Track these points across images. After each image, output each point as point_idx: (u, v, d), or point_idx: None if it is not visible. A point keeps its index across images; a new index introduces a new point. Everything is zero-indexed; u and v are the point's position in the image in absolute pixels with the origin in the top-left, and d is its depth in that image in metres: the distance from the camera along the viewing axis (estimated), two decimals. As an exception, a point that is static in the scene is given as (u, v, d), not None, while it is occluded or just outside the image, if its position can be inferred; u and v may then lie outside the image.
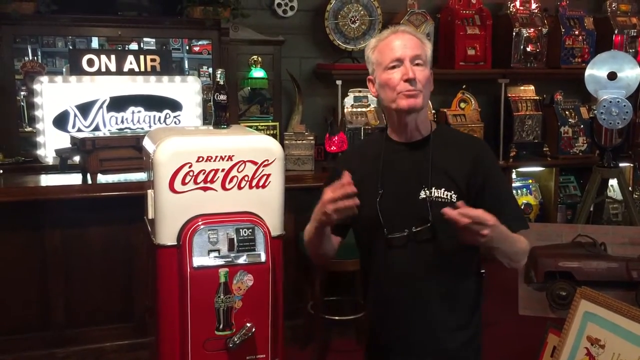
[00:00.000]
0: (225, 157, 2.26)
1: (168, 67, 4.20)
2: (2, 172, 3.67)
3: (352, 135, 4.17)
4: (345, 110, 4.33)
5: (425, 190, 1.84)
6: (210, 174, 2.25)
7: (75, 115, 3.85)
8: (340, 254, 2.07)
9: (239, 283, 2.25)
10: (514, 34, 4.91)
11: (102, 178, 3.42)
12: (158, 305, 2.32)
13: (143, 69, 4.04)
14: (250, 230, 2.27)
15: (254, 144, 2.35)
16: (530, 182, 5.33)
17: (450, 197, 1.83)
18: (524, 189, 5.30)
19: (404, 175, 1.89)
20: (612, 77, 3.89)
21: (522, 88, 5.17)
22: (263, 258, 2.28)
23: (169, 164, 2.21)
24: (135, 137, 3.37)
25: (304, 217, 1.99)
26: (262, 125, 4.38)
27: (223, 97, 2.45)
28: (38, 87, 3.79)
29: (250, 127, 3.95)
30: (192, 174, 2.23)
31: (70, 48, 5.92)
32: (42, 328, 3.37)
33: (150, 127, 3.96)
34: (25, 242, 3.31)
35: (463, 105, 4.99)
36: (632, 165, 4.96)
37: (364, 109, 4.36)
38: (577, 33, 5.07)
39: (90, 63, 3.91)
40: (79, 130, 3.82)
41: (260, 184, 2.32)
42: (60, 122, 3.83)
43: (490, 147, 4.85)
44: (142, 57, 4.07)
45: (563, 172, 5.34)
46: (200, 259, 2.22)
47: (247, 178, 2.30)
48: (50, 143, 3.79)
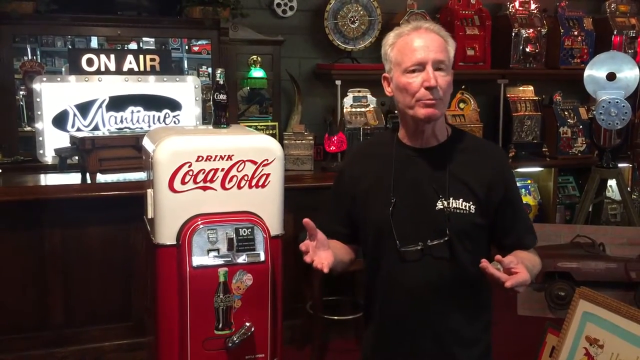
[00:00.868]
0: (225, 156, 2.27)
1: (167, 66, 4.19)
2: (1, 171, 3.67)
3: (351, 136, 4.17)
4: (345, 111, 4.33)
5: (443, 201, 1.73)
6: (210, 174, 2.26)
7: (75, 115, 3.85)
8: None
9: (238, 282, 2.26)
10: (513, 35, 4.91)
11: (101, 178, 3.42)
12: (157, 305, 2.33)
13: (142, 69, 4.04)
14: (250, 230, 2.28)
15: (254, 144, 2.35)
16: (529, 182, 5.33)
17: (469, 208, 1.73)
18: (523, 190, 5.30)
19: (418, 184, 1.76)
20: (611, 77, 3.90)
21: (521, 88, 5.17)
22: (262, 258, 2.28)
23: (169, 164, 2.21)
24: (135, 136, 3.37)
25: (304, 217, 1.98)
26: (261, 125, 4.38)
27: (222, 96, 2.46)
28: (37, 86, 3.79)
29: (250, 127, 3.95)
30: (191, 174, 2.23)
31: (70, 47, 5.92)
32: (41, 328, 3.36)
33: (150, 126, 3.96)
34: (25, 241, 3.31)
35: (462, 106, 4.99)
36: (630, 166, 4.96)
37: (364, 109, 4.36)
38: (576, 34, 5.07)
39: (90, 63, 3.91)
40: (78, 130, 3.82)
41: (260, 184, 2.32)
42: (60, 121, 3.83)
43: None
44: (141, 56, 4.06)
45: (562, 172, 5.34)
46: (200, 259, 2.23)
47: (246, 178, 2.30)
48: (50, 142, 3.79)
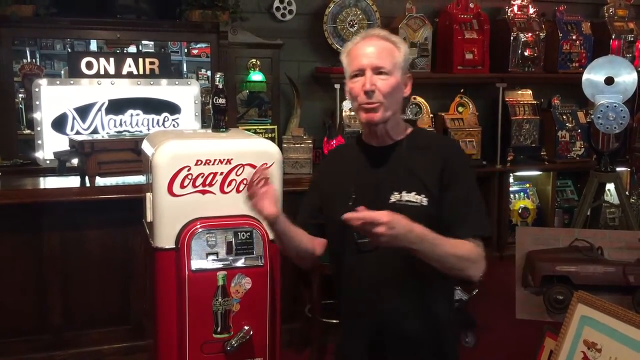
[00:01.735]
0: (224, 160, 2.28)
1: (167, 70, 4.20)
2: (0, 174, 3.67)
3: (350, 139, 4.18)
4: (344, 114, 4.34)
5: (396, 194, 1.82)
6: (209, 177, 2.26)
7: (74, 118, 3.85)
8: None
9: (237, 286, 2.26)
10: (512, 39, 4.93)
11: (100, 181, 3.42)
12: (156, 308, 2.33)
13: (142, 72, 4.04)
14: (249, 234, 2.28)
15: (253, 148, 2.36)
16: (528, 186, 5.34)
17: (421, 200, 1.81)
18: (522, 193, 5.31)
19: (376, 179, 1.87)
20: (609, 81, 3.90)
21: (519, 92, 5.18)
22: (261, 261, 2.29)
23: (168, 167, 2.22)
24: (134, 140, 3.38)
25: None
26: (260, 129, 4.38)
27: (222, 100, 2.46)
28: (36, 89, 3.79)
29: (249, 130, 3.95)
30: (190, 177, 2.24)
31: (69, 51, 5.94)
32: (40, 331, 3.36)
33: (149, 130, 3.96)
34: (24, 244, 3.31)
35: (461, 109, 5.01)
36: (629, 170, 4.97)
37: (362, 113, 4.37)
38: (574, 38, 5.09)
39: (89, 66, 3.92)
40: (78, 133, 3.82)
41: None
42: (59, 124, 3.83)
43: (488, 151, 4.87)
44: (140, 60, 4.07)
45: (560, 176, 5.35)
46: (199, 262, 2.23)
47: (245, 181, 2.30)
48: (49, 145, 3.79)
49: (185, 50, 6.91)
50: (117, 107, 3.94)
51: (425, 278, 1.83)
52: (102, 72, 3.94)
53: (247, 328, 2.27)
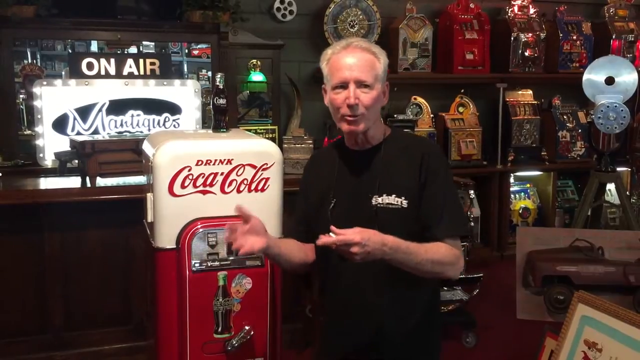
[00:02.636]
0: (225, 160, 2.28)
1: (167, 70, 4.20)
2: (1, 175, 3.67)
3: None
4: (344, 114, 4.34)
5: (376, 198, 1.84)
6: (210, 178, 2.26)
7: (75, 119, 3.86)
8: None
9: (238, 286, 2.26)
10: (512, 39, 4.93)
11: (101, 181, 3.43)
12: (157, 308, 2.33)
13: (142, 73, 4.04)
14: (249, 234, 2.28)
15: (253, 148, 2.36)
16: (528, 186, 5.34)
17: (401, 203, 1.83)
18: (522, 193, 5.32)
19: (356, 183, 1.90)
20: (609, 82, 3.90)
21: (520, 92, 5.19)
22: (262, 261, 2.29)
23: (169, 168, 2.22)
24: (135, 140, 3.38)
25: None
26: (261, 129, 4.38)
27: (222, 100, 2.46)
28: (37, 90, 3.80)
29: (249, 130, 3.96)
30: (191, 178, 2.24)
31: (70, 51, 5.94)
32: (40, 331, 3.37)
33: (150, 130, 3.97)
34: (24, 245, 3.32)
35: (461, 110, 5.01)
36: (629, 170, 4.97)
37: (363, 113, 4.37)
38: (574, 38, 5.09)
39: (90, 66, 3.92)
40: (79, 134, 3.82)
41: (259, 188, 2.33)
42: (60, 125, 3.84)
43: (489, 151, 4.87)
44: (141, 60, 4.07)
45: (561, 176, 5.36)
46: (199, 262, 2.23)
47: (246, 182, 2.31)
48: (50, 146, 3.80)
49: (186, 51, 6.91)
50: (117, 107, 3.94)
51: (407, 275, 1.83)
52: (102, 72, 3.94)
53: (247, 328, 2.27)
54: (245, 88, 4.54)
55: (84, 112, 3.88)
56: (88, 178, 3.41)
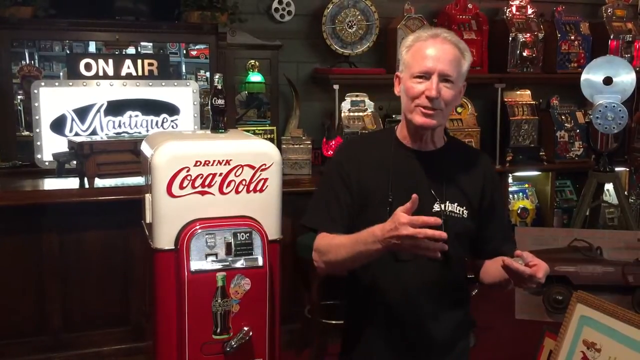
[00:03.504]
0: (223, 161, 2.27)
1: (165, 71, 4.20)
2: (-1, 176, 3.68)
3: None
4: (343, 115, 4.34)
5: (440, 204, 1.77)
6: (208, 178, 2.26)
7: (73, 120, 3.85)
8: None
9: (237, 287, 2.26)
10: (510, 39, 4.93)
11: (99, 182, 3.43)
12: (155, 309, 2.33)
13: (140, 73, 4.04)
14: (248, 235, 2.28)
15: (252, 148, 2.35)
16: (527, 186, 5.34)
17: (462, 212, 1.79)
18: (520, 193, 5.31)
19: (416, 185, 1.78)
20: (607, 82, 3.91)
21: (518, 93, 5.19)
22: (260, 262, 2.29)
23: (167, 168, 2.22)
24: (133, 141, 3.38)
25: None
26: (259, 130, 4.38)
27: (220, 101, 2.46)
28: (35, 91, 3.79)
29: (248, 131, 3.95)
30: (189, 178, 2.24)
31: (68, 52, 5.93)
32: (39, 332, 3.36)
33: (148, 131, 3.96)
34: (22, 246, 3.31)
35: (460, 110, 5.00)
36: (628, 170, 4.97)
37: (361, 114, 4.37)
38: (573, 38, 5.09)
39: (88, 67, 3.92)
40: (77, 135, 3.82)
41: (258, 188, 2.33)
42: (58, 126, 3.83)
43: (487, 151, 4.90)
44: (139, 61, 4.07)
45: (559, 176, 5.35)
46: (198, 263, 2.23)
47: (244, 182, 2.30)
48: (48, 147, 3.79)
49: (184, 52, 6.90)
50: (116, 108, 3.94)
51: (457, 286, 1.86)
52: (100, 73, 3.94)
53: (246, 329, 2.27)
54: (244, 89, 4.54)
55: (82, 113, 3.87)
56: (86, 179, 3.41)
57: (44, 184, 3.59)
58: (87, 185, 3.40)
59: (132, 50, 5.75)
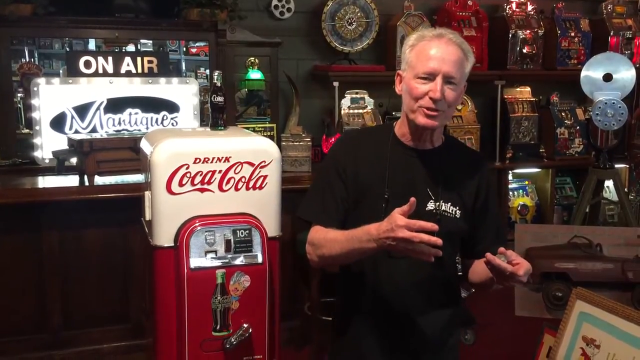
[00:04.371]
0: (223, 158, 2.27)
1: (165, 68, 4.20)
2: (-1, 174, 3.68)
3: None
4: (342, 112, 4.34)
5: (434, 203, 1.78)
6: (208, 176, 2.26)
7: (73, 117, 3.85)
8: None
9: (236, 284, 2.26)
10: (510, 36, 4.92)
11: (99, 180, 3.43)
12: (155, 307, 2.33)
13: (140, 71, 4.04)
14: (247, 232, 2.28)
15: (251, 146, 2.35)
16: (527, 183, 5.34)
17: (455, 212, 1.80)
18: (520, 190, 5.32)
19: (412, 183, 1.80)
20: (607, 78, 3.90)
21: (518, 89, 5.18)
22: (260, 259, 2.29)
23: (166, 166, 2.22)
24: (133, 138, 3.38)
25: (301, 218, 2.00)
26: (259, 127, 4.38)
27: (220, 98, 2.46)
28: (35, 88, 3.79)
29: (248, 128, 3.95)
30: (189, 176, 2.24)
31: (67, 50, 5.93)
32: (39, 330, 3.37)
33: (148, 128, 3.96)
34: (22, 244, 3.32)
35: (459, 107, 5.00)
36: (627, 167, 4.97)
37: (361, 111, 4.37)
38: (572, 35, 5.09)
39: (88, 65, 3.91)
40: (76, 132, 3.82)
41: (257, 186, 2.33)
42: (58, 123, 3.83)
43: (487, 148, 4.89)
44: (139, 58, 4.07)
45: (559, 173, 5.35)
46: (197, 260, 2.23)
47: (244, 179, 2.30)
48: (47, 145, 3.79)
49: (184, 49, 6.90)
50: (115, 106, 3.94)
51: (448, 284, 1.86)
52: (100, 71, 3.94)
53: (246, 326, 2.27)
54: (244, 86, 4.54)
55: (82, 110, 3.87)
56: (86, 176, 3.41)
57: (44, 182, 3.59)
58: (86, 183, 3.40)
59: (131, 48, 5.76)
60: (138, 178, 3.06)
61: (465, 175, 1.85)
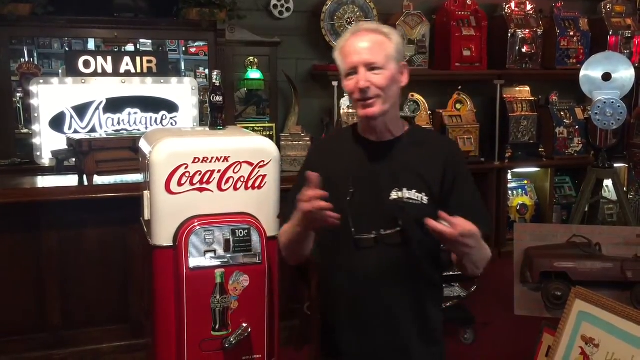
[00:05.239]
0: (221, 158, 2.27)
1: (164, 68, 4.20)
2: (-2, 173, 3.68)
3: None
4: (341, 111, 4.34)
5: (397, 192, 1.80)
6: (207, 175, 2.26)
7: (72, 117, 3.85)
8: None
9: (235, 283, 2.26)
10: (510, 35, 4.93)
11: (98, 179, 3.42)
12: (154, 306, 2.33)
13: (139, 71, 4.04)
14: (246, 231, 2.28)
15: (250, 145, 2.36)
16: (526, 182, 5.35)
17: (422, 198, 1.80)
18: (520, 190, 5.32)
19: (375, 175, 1.83)
20: (606, 78, 3.91)
21: (517, 89, 5.19)
22: (259, 258, 2.29)
23: (165, 165, 2.22)
24: (132, 138, 3.38)
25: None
26: (258, 127, 4.38)
27: (219, 98, 2.46)
28: (34, 88, 3.79)
29: (247, 128, 3.95)
30: (188, 175, 2.24)
31: (67, 49, 5.93)
32: (38, 330, 3.36)
33: (147, 128, 3.97)
34: (22, 243, 3.31)
35: (459, 107, 5.01)
36: (626, 166, 4.97)
37: (360, 110, 4.37)
38: (572, 34, 5.09)
39: (87, 64, 3.92)
40: (75, 132, 3.82)
41: (256, 185, 2.33)
42: (57, 123, 3.83)
43: (486, 148, 4.89)
44: (138, 58, 4.07)
45: (558, 172, 5.36)
46: (196, 260, 2.23)
47: (243, 179, 2.31)
48: (47, 144, 3.79)
49: (183, 49, 6.91)
50: (115, 105, 3.94)
51: (422, 272, 1.84)
52: (99, 70, 3.94)
53: (245, 325, 2.27)
54: (243, 85, 4.54)
55: (81, 110, 3.87)
56: (85, 176, 3.40)
57: (43, 182, 3.59)
58: (86, 183, 3.39)
59: (131, 48, 5.77)
60: (137, 178, 3.06)
61: (430, 161, 1.85)
